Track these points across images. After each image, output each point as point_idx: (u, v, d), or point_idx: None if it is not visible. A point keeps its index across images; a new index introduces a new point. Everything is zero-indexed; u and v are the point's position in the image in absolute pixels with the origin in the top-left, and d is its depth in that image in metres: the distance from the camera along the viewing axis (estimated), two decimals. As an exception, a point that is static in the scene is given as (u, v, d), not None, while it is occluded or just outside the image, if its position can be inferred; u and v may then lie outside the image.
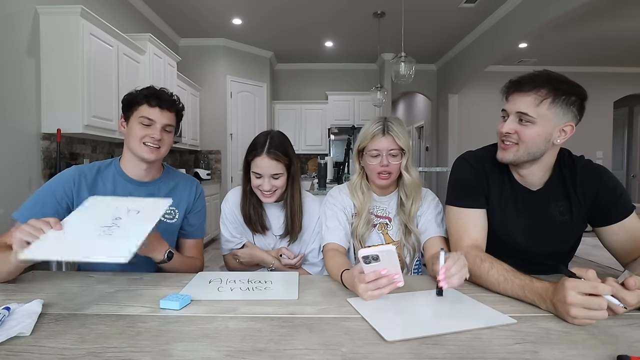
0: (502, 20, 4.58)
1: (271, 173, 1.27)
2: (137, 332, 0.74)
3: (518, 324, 0.78)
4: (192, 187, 1.41)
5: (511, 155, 1.09)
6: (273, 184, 1.28)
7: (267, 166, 1.26)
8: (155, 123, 1.23)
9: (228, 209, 1.41)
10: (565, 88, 1.01)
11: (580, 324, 0.77)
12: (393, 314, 0.85)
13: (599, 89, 6.49)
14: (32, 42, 2.69)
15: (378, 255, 0.87)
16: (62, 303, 0.89)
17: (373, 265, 0.88)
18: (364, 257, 0.88)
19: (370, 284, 0.89)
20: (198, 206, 1.41)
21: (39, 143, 2.75)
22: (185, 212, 1.38)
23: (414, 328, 0.77)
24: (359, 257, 0.89)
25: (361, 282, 0.90)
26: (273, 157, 1.26)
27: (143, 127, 1.23)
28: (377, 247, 0.88)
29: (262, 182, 1.28)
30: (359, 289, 0.90)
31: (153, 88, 1.27)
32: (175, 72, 4.46)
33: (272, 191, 1.29)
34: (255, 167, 1.28)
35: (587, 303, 0.75)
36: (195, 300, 0.92)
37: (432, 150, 7.18)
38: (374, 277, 0.88)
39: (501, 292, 0.95)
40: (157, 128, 1.23)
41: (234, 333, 0.74)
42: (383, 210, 1.35)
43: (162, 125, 1.24)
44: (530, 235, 1.15)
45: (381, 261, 0.88)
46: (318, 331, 0.75)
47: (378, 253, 0.87)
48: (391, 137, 1.24)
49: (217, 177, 5.59)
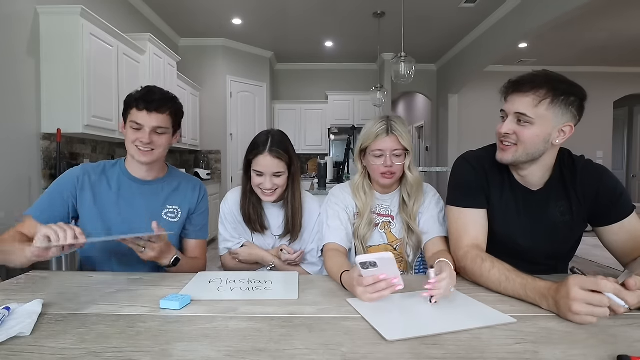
0: (502, 20, 4.58)
1: (273, 171, 1.27)
2: (137, 332, 0.74)
3: (518, 324, 0.78)
4: (196, 188, 1.41)
5: (510, 156, 1.09)
6: (274, 183, 1.28)
7: (269, 164, 1.26)
8: (144, 127, 1.22)
9: (227, 209, 1.41)
10: (564, 88, 1.01)
11: (581, 322, 0.77)
12: (393, 313, 0.85)
13: (599, 89, 6.49)
14: (32, 42, 2.69)
15: (376, 262, 0.87)
16: (62, 303, 0.89)
17: (371, 271, 0.88)
18: (362, 264, 0.88)
19: (369, 287, 0.89)
20: (202, 207, 1.42)
21: (39, 143, 2.75)
22: (188, 213, 1.38)
23: (414, 328, 0.77)
24: (357, 264, 0.89)
25: (360, 285, 0.90)
26: (275, 156, 1.26)
27: (134, 131, 1.23)
28: (374, 254, 0.88)
29: (264, 180, 1.28)
30: (357, 291, 0.90)
31: (145, 89, 1.26)
32: (175, 72, 4.46)
33: (273, 190, 1.29)
34: (257, 165, 1.28)
35: (589, 299, 0.76)
36: (195, 300, 0.92)
37: (432, 150, 7.18)
38: (373, 282, 0.88)
39: (502, 291, 0.95)
40: (146, 132, 1.22)
41: (234, 333, 0.74)
42: (386, 208, 1.35)
43: (151, 128, 1.22)
44: (530, 236, 1.15)
45: (379, 267, 0.88)
46: (318, 331, 0.75)
47: (376, 260, 0.87)
48: (395, 137, 1.24)
49: (217, 177, 5.59)
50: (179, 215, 1.36)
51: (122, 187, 1.30)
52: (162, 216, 1.33)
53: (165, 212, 1.33)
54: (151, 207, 1.31)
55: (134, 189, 1.31)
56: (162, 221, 1.32)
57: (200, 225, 1.42)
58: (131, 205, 1.29)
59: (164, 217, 1.33)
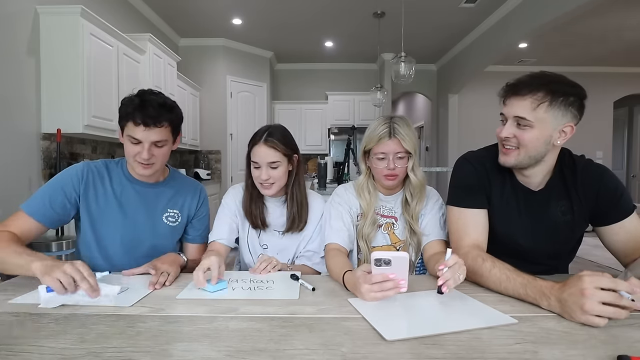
0: (502, 20, 4.58)
1: (268, 161, 1.27)
2: (137, 332, 0.74)
3: (518, 324, 0.78)
4: (196, 193, 1.41)
5: (512, 159, 1.08)
6: (270, 174, 1.28)
7: (264, 154, 1.27)
8: (143, 142, 1.17)
9: (230, 200, 1.41)
10: (562, 89, 1.00)
11: (588, 322, 0.75)
12: (393, 313, 0.85)
13: (599, 89, 6.49)
14: (32, 42, 2.69)
15: (390, 260, 0.88)
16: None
17: (383, 269, 0.89)
18: (376, 260, 0.88)
19: (375, 285, 0.89)
20: (202, 212, 1.42)
21: (39, 143, 2.75)
22: (188, 218, 1.38)
23: (414, 328, 0.77)
24: (371, 259, 0.89)
25: (365, 283, 0.89)
26: (269, 145, 1.27)
27: (133, 145, 1.19)
28: (391, 252, 0.89)
29: (260, 172, 1.28)
30: (362, 288, 0.90)
31: (139, 99, 1.18)
32: (175, 72, 4.46)
33: (269, 182, 1.29)
34: (254, 156, 1.29)
35: (605, 297, 0.74)
36: (195, 300, 0.92)
37: (432, 150, 7.18)
38: (381, 279, 0.88)
39: (502, 291, 0.95)
40: (145, 147, 1.17)
41: (234, 333, 0.74)
42: (389, 209, 1.35)
43: (150, 143, 1.18)
44: (531, 236, 1.15)
45: (392, 266, 0.88)
46: (318, 331, 0.75)
47: (391, 258, 0.88)
48: (397, 140, 1.22)
49: (217, 177, 5.59)
50: (179, 219, 1.36)
51: (125, 189, 1.29)
52: (162, 220, 1.32)
53: (166, 216, 1.33)
54: (152, 211, 1.31)
55: (135, 192, 1.30)
56: (162, 225, 1.32)
57: (202, 230, 1.42)
58: (132, 208, 1.28)
59: (165, 220, 1.33)
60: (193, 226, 1.40)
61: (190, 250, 1.40)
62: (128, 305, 0.88)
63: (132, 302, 0.90)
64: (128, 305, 0.88)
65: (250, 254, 1.41)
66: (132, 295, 0.95)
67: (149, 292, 0.98)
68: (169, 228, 1.33)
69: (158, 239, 1.31)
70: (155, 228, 1.31)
